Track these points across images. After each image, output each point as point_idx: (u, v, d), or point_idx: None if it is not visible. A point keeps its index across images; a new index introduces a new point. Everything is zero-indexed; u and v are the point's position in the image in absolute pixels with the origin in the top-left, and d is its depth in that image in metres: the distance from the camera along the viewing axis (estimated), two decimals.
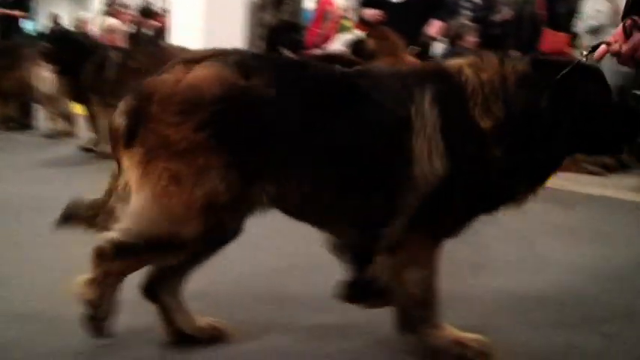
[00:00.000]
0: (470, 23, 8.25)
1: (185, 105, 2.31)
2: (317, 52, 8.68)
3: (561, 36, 8.54)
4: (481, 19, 8.98)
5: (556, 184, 5.46)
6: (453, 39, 8.39)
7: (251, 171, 2.37)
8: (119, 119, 2.40)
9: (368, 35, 5.83)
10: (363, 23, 6.51)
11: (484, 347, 2.50)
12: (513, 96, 2.41)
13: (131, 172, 2.37)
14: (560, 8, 8.61)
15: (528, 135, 2.39)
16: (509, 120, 2.39)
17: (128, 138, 2.36)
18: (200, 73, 2.34)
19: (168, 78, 2.37)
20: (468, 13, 9.21)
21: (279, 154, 2.39)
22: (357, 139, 2.41)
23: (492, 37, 9.12)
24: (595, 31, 7.87)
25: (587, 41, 7.81)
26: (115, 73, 6.62)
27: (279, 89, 2.36)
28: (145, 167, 2.33)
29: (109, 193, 2.53)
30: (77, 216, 2.56)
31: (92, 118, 6.92)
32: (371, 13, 6.29)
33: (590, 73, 2.49)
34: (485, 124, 2.38)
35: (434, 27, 6.05)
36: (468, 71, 2.45)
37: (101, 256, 2.40)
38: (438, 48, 8.20)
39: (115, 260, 2.39)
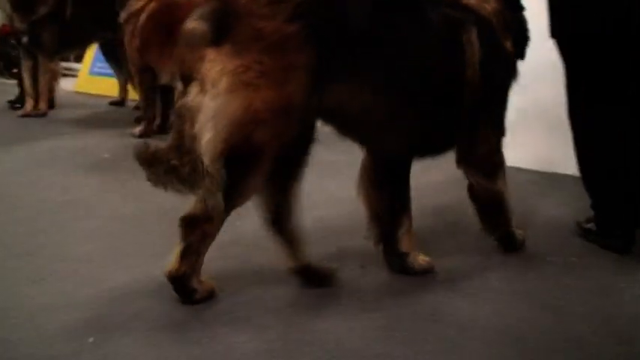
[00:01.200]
0: None
1: None
2: None
3: None
4: None
5: None
6: None
7: (328, 73, 2.33)
8: (198, 23, 2.30)
9: None
10: None
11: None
12: (510, 18, 2.90)
13: (214, 70, 2.23)
14: None
15: (520, 43, 2.98)
16: (515, 37, 2.92)
17: (214, 38, 2.24)
18: None
19: None
20: None
21: (357, 55, 2.38)
22: (426, 46, 2.57)
23: None
24: None
25: None
26: None
27: None
28: (233, 62, 2.22)
29: (179, 134, 2.34)
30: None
31: None
32: None
33: None
34: (507, 45, 2.87)
35: None
36: (481, 5, 2.80)
37: (192, 221, 2.38)
38: None
39: (207, 220, 2.35)
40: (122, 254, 2.96)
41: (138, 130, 5.43)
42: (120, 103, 7.05)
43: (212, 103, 2.22)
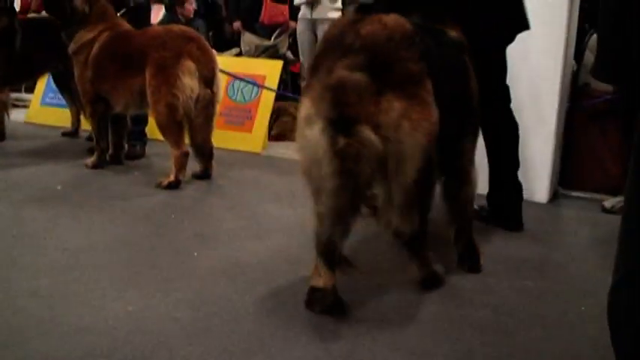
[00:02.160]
0: None
1: (408, 40, 2.63)
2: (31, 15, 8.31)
3: (281, 7, 8.85)
4: None
5: (278, 154, 6.10)
6: (172, 5, 8.61)
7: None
8: (360, 75, 2.49)
9: None
10: None
11: None
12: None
13: (391, 116, 2.50)
14: None
15: None
16: None
17: (378, 86, 2.51)
18: (397, 18, 2.70)
19: (385, 22, 2.65)
20: None
21: (437, 84, 2.69)
22: (457, 67, 3.13)
23: (212, 5, 9.66)
24: (312, 4, 7.74)
25: (302, 13, 7.83)
26: None
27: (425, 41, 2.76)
28: (402, 104, 2.53)
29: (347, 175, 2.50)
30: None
31: None
32: None
33: None
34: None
35: None
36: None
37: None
38: (157, 14, 8.24)
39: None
40: (74, 289, 2.92)
41: (91, 160, 5.37)
42: (72, 133, 6.96)
43: (402, 144, 2.52)
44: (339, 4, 8.19)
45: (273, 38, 8.15)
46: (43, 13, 8.69)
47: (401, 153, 2.53)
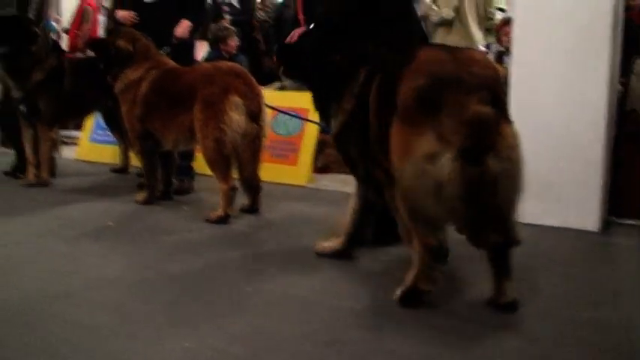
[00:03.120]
0: (230, 26, 8.35)
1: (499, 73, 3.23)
2: (79, 55, 8.48)
3: None
4: (240, 22, 9.25)
5: (323, 186, 6.23)
6: (216, 42, 8.62)
7: None
8: (488, 108, 2.83)
9: (117, 37, 5.62)
10: (117, 25, 6.40)
11: None
12: None
13: (510, 142, 2.91)
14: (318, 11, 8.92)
15: None
16: None
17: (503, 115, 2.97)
18: (482, 53, 3.33)
19: (479, 58, 3.17)
20: (228, 16, 9.43)
21: None
22: None
23: (252, 41, 9.54)
24: None
25: None
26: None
27: None
28: (513, 130, 2.99)
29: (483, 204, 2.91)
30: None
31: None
32: (123, 15, 6.16)
33: None
34: None
35: (181, 27, 5.98)
36: None
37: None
38: (202, 51, 8.30)
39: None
40: (129, 323, 2.95)
41: (141, 196, 5.46)
42: (122, 170, 7.10)
43: (516, 163, 2.93)
44: None
45: None
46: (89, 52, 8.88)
47: (515, 170, 2.92)
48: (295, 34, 4.28)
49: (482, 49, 8.33)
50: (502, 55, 7.52)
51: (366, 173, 3.61)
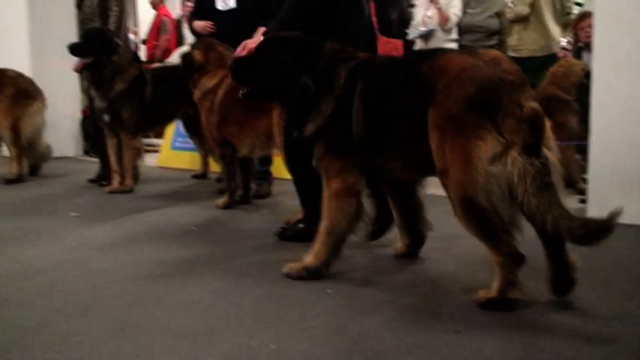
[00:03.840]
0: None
1: None
2: (156, 65, 8.59)
3: (395, 42, 8.63)
4: None
5: None
6: None
7: None
8: (537, 104, 2.99)
9: (193, 47, 5.78)
10: (195, 35, 6.47)
11: None
12: None
13: (549, 131, 3.07)
14: (392, 15, 8.80)
15: None
16: None
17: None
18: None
19: (502, 58, 3.50)
20: None
21: None
22: None
23: None
24: (426, 36, 8.21)
25: (418, 46, 8.21)
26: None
27: None
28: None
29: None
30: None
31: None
32: (200, 25, 6.26)
33: None
34: None
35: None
36: None
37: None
38: None
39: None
40: (217, 328, 3.01)
41: (222, 201, 5.58)
42: (202, 175, 7.26)
43: (556, 152, 3.09)
44: (453, 36, 8.19)
45: None
46: (167, 61, 9.15)
47: (559, 159, 3.06)
48: (248, 45, 4.24)
49: (563, 44, 8.16)
50: (581, 50, 7.35)
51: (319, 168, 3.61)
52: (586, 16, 7.22)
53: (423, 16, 8.29)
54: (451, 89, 3.05)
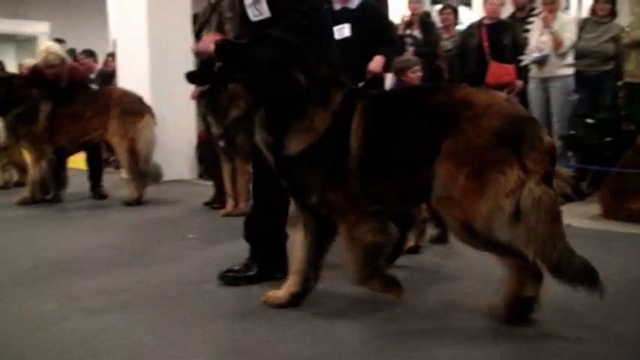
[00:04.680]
0: (413, 58, 8.13)
1: None
2: None
3: (507, 67, 8.36)
4: (424, 53, 8.97)
5: None
6: (397, 74, 8.40)
7: None
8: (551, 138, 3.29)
9: None
10: None
11: None
12: None
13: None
14: (504, 40, 8.50)
15: None
16: None
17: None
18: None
19: (503, 97, 3.44)
20: (411, 48, 9.25)
21: None
22: None
23: (436, 71, 9.25)
24: (540, 61, 8.03)
25: (533, 72, 8.13)
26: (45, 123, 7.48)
27: None
28: None
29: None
30: None
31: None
32: None
33: None
34: None
35: (375, 62, 5.98)
36: None
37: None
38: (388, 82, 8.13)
39: None
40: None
41: None
42: None
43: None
44: (569, 60, 8.02)
45: None
46: None
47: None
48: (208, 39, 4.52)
49: None
50: None
51: (320, 200, 3.41)
52: None
53: (537, 41, 8.17)
54: (478, 121, 3.12)
